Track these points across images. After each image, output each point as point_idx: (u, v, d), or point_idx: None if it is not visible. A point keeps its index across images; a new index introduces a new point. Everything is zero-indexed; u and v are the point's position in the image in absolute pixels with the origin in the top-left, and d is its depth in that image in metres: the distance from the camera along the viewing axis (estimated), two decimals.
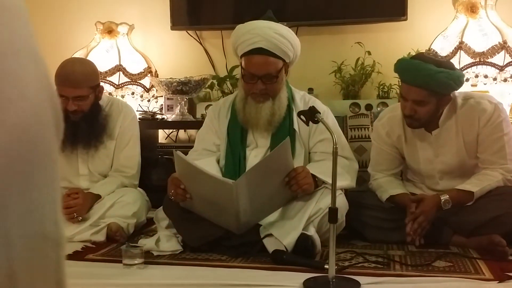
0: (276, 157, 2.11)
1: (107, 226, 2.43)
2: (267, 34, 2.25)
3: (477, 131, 2.30)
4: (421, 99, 2.22)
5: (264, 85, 2.28)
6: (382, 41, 3.31)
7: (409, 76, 2.23)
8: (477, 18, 3.05)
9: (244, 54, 2.30)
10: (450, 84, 2.19)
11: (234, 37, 2.35)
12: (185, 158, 2.14)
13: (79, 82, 2.47)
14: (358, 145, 2.88)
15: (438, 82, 2.17)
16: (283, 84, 2.36)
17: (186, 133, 3.62)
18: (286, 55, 2.29)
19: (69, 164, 2.60)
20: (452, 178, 2.36)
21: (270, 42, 2.25)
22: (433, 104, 2.24)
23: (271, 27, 2.28)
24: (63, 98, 2.49)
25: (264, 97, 2.32)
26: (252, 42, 2.26)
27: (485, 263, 2.04)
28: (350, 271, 1.94)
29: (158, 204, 2.40)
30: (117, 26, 3.54)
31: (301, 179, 2.13)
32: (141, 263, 2.01)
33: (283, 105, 2.35)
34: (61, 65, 2.51)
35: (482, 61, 2.99)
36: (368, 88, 3.29)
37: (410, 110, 2.25)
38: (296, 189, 2.15)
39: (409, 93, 2.24)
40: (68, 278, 1.71)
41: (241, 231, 2.17)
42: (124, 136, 2.67)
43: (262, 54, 2.26)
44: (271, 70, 2.27)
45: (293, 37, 2.33)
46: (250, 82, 2.31)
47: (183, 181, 2.14)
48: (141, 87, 3.50)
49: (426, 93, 2.20)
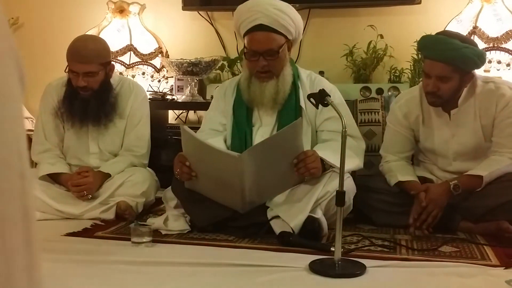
0: (286, 136, 2.10)
1: (117, 205, 2.46)
2: (267, 10, 2.26)
3: (494, 115, 2.29)
4: (445, 75, 2.21)
5: (266, 61, 2.29)
6: (395, 25, 3.28)
7: (434, 51, 2.22)
8: (492, 3, 3.01)
9: (246, 33, 2.31)
10: (474, 60, 2.18)
11: (236, 17, 2.36)
12: (192, 133, 2.15)
13: (90, 58, 2.48)
14: (367, 129, 2.87)
15: (463, 57, 2.16)
16: (286, 61, 2.36)
17: (195, 114, 3.62)
18: (288, 31, 2.30)
19: (79, 142, 2.63)
20: (466, 160, 2.35)
21: (270, 17, 2.25)
22: (456, 80, 2.23)
23: (271, 3, 2.29)
24: (74, 74, 2.51)
25: (268, 76, 2.33)
26: (252, 19, 2.27)
27: (492, 249, 2.04)
28: (356, 254, 1.95)
29: (167, 184, 2.42)
30: (129, 5, 3.54)
31: (309, 162, 2.13)
32: (149, 242, 2.04)
33: (288, 82, 2.35)
34: (73, 41, 2.54)
35: (496, 47, 2.96)
36: (380, 72, 3.26)
37: (433, 86, 2.24)
38: (304, 172, 2.14)
39: (433, 69, 2.23)
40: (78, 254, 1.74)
41: (245, 210, 2.18)
42: (135, 115, 2.69)
43: (263, 30, 2.27)
44: (272, 46, 2.28)
45: (294, 13, 2.33)
46: (252, 59, 2.31)
47: (188, 158, 2.15)
48: (151, 67, 3.50)
49: (450, 68, 2.19)
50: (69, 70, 2.54)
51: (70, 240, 2.12)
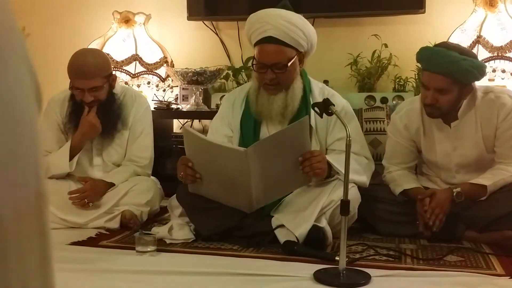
0: (292, 132, 2.08)
1: (121, 214, 2.46)
2: (277, 22, 2.21)
3: (496, 125, 2.28)
4: (443, 87, 2.20)
5: (274, 74, 2.25)
6: (399, 34, 3.29)
7: (432, 63, 2.21)
8: (495, 12, 3.01)
9: (256, 43, 2.29)
10: (473, 72, 2.17)
11: (247, 26, 2.33)
12: (194, 132, 2.15)
13: (92, 74, 2.49)
14: (373, 138, 2.87)
15: (461, 69, 2.15)
16: (296, 75, 2.32)
17: (200, 123, 3.63)
18: (298, 44, 2.26)
19: (82, 154, 2.62)
20: (469, 172, 2.34)
21: (280, 30, 2.21)
22: (455, 93, 2.22)
23: (282, 15, 2.24)
24: (78, 90, 2.51)
25: (277, 88, 2.29)
26: (262, 30, 2.23)
27: (497, 258, 2.03)
28: (360, 264, 1.94)
29: (172, 193, 2.42)
30: (134, 15, 3.56)
31: (315, 162, 2.10)
32: (153, 251, 2.04)
33: (297, 97, 2.31)
34: (72, 57, 2.52)
35: (500, 56, 2.96)
36: (384, 81, 3.27)
37: (431, 99, 2.23)
38: (308, 171, 2.10)
39: (431, 81, 2.22)
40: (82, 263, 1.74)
41: (252, 210, 2.17)
42: (138, 126, 2.69)
43: (272, 43, 2.23)
44: (281, 59, 2.24)
45: (306, 25, 2.28)
46: (260, 71, 2.29)
47: (192, 160, 2.13)
48: (157, 77, 3.52)
49: (449, 81, 2.18)
50: (73, 87, 2.54)
51: (75, 249, 2.12)
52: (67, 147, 2.55)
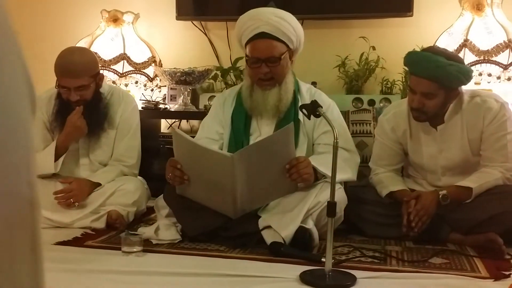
0: (278, 139, 2.11)
1: (107, 214, 2.45)
2: (269, 18, 2.30)
3: (482, 128, 2.30)
4: (430, 92, 2.23)
5: (268, 68, 2.31)
6: (387, 37, 3.31)
7: (419, 67, 2.23)
8: (482, 16, 3.04)
9: (248, 41, 2.34)
10: (459, 77, 2.20)
11: (238, 26, 2.39)
12: (183, 135, 2.16)
13: (79, 72, 2.47)
14: (359, 140, 2.88)
15: (448, 74, 2.18)
16: (288, 69, 2.39)
17: (188, 123, 3.63)
18: (289, 39, 2.33)
19: (69, 154, 2.60)
20: (455, 174, 2.37)
21: (272, 25, 2.29)
22: (441, 97, 2.24)
23: (273, 12, 2.33)
24: (65, 89, 2.50)
25: (271, 83, 2.35)
26: (255, 27, 2.30)
27: (482, 261, 2.05)
28: (346, 265, 1.95)
29: (159, 193, 2.41)
30: (123, 14, 3.55)
31: (302, 168, 2.14)
32: (139, 251, 2.03)
33: (290, 90, 2.38)
34: (59, 56, 2.50)
35: (486, 60, 2.99)
36: (371, 83, 3.29)
37: (418, 103, 2.25)
38: (296, 178, 2.15)
39: (418, 85, 2.24)
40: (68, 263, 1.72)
41: (237, 216, 2.18)
42: (125, 125, 2.68)
43: (265, 38, 2.30)
44: (274, 53, 2.31)
45: (295, 22, 2.36)
46: (254, 66, 2.34)
47: (180, 162, 2.15)
48: (145, 76, 3.51)
49: (435, 85, 2.21)
50: (59, 85, 2.52)
51: (60, 249, 2.11)
52: (52, 147, 2.53)
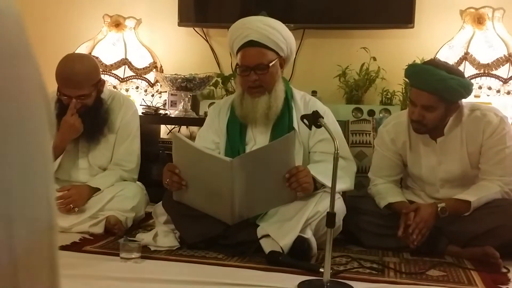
0: (279, 148, 2.12)
1: (106, 219, 2.45)
2: (258, 26, 2.31)
3: (481, 142, 2.31)
4: (430, 104, 2.24)
5: (256, 75, 2.32)
6: (388, 48, 3.33)
7: (420, 80, 2.25)
8: (483, 30, 3.06)
9: (238, 50, 2.37)
10: (459, 91, 2.21)
11: (229, 35, 2.41)
12: (184, 139, 2.16)
13: (81, 83, 2.47)
14: (358, 150, 2.89)
15: (448, 88, 2.19)
16: (278, 77, 2.39)
17: (188, 129, 3.63)
18: (278, 47, 2.34)
19: (68, 158, 2.60)
20: (453, 187, 2.37)
21: (260, 33, 2.31)
22: (442, 110, 2.26)
23: (261, 20, 2.35)
24: (66, 97, 2.50)
25: (260, 91, 2.35)
26: (244, 36, 2.32)
27: (479, 274, 2.06)
28: (344, 276, 1.95)
29: (158, 199, 2.41)
30: (125, 20, 3.56)
31: (301, 177, 2.14)
32: (138, 258, 2.03)
33: (280, 98, 2.38)
34: (60, 64, 2.49)
35: (487, 73, 3.00)
36: (372, 93, 3.30)
37: (418, 115, 2.27)
38: (296, 187, 2.15)
39: (418, 98, 2.26)
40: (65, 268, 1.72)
41: (234, 222, 2.18)
42: (125, 130, 2.68)
43: (254, 46, 2.32)
44: (262, 60, 2.32)
45: (285, 30, 2.38)
46: (243, 74, 2.35)
47: (179, 167, 2.15)
48: (145, 82, 3.52)
49: (435, 98, 2.22)
50: (61, 93, 2.51)
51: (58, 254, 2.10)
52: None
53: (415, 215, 2.22)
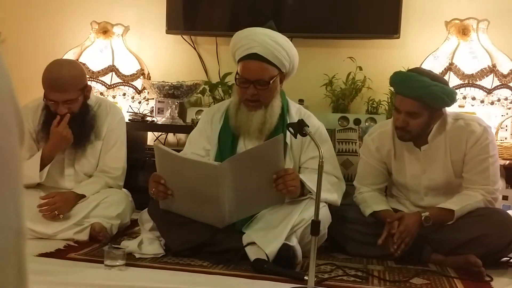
0: (267, 150, 2.12)
1: (91, 226, 2.43)
2: (263, 40, 2.27)
3: (464, 151, 2.34)
4: (414, 111, 2.27)
5: (256, 90, 2.30)
6: (374, 58, 3.36)
7: (404, 87, 2.28)
8: (468, 41, 3.11)
9: (240, 59, 2.33)
10: (443, 98, 2.24)
11: (232, 42, 2.37)
12: (165, 148, 2.15)
13: (68, 87, 2.46)
14: (345, 158, 2.91)
15: (432, 94, 2.22)
16: (276, 93, 2.37)
17: (175, 136, 3.63)
18: (282, 63, 2.32)
19: (54, 164, 2.58)
20: (437, 195, 2.40)
21: (265, 48, 2.27)
22: (426, 117, 2.28)
23: (269, 34, 2.31)
24: (52, 102, 2.49)
25: (256, 105, 2.33)
26: (248, 47, 2.28)
27: (462, 282, 2.08)
28: (329, 284, 1.96)
29: (143, 206, 2.41)
30: (113, 26, 3.56)
31: (289, 180, 2.14)
32: (122, 265, 2.02)
33: (275, 114, 2.36)
34: (47, 69, 2.49)
35: (471, 83, 3.05)
36: (358, 102, 3.33)
37: (402, 122, 2.29)
38: (282, 189, 2.14)
39: (402, 105, 2.28)
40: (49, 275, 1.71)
41: (224, 224, 2.18)
42: (111, 137, 2.67)
43: (257, 60, 2.28)
44: (264, 76, 2.29)
45: (290, 47, 2.35)
46: (242, 86, 2.33)
47: (164, 176, 2.14)
48: (132, 89, 3.51)
49: (419, 105, 2.25)
50: (47, 98, 2.51)
51: (42, 261, 2.09)
52: (38, 157, 2.52)
53: (399, 224, 2.24)
